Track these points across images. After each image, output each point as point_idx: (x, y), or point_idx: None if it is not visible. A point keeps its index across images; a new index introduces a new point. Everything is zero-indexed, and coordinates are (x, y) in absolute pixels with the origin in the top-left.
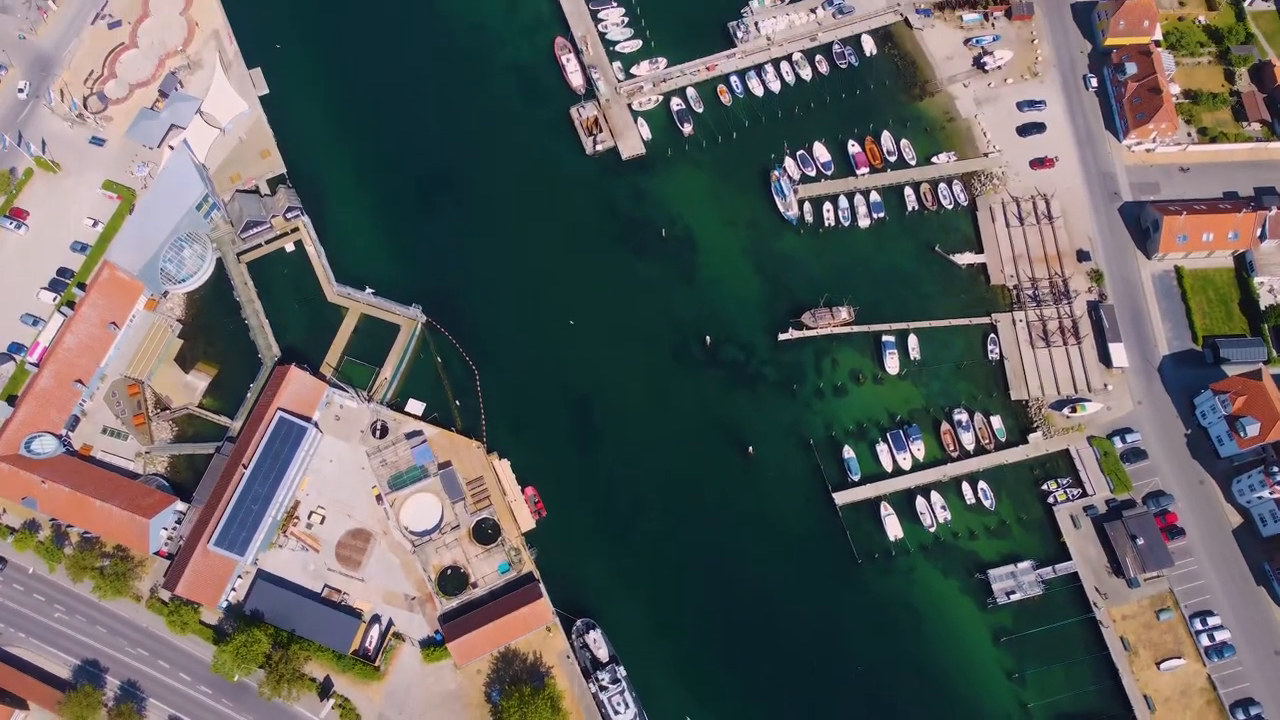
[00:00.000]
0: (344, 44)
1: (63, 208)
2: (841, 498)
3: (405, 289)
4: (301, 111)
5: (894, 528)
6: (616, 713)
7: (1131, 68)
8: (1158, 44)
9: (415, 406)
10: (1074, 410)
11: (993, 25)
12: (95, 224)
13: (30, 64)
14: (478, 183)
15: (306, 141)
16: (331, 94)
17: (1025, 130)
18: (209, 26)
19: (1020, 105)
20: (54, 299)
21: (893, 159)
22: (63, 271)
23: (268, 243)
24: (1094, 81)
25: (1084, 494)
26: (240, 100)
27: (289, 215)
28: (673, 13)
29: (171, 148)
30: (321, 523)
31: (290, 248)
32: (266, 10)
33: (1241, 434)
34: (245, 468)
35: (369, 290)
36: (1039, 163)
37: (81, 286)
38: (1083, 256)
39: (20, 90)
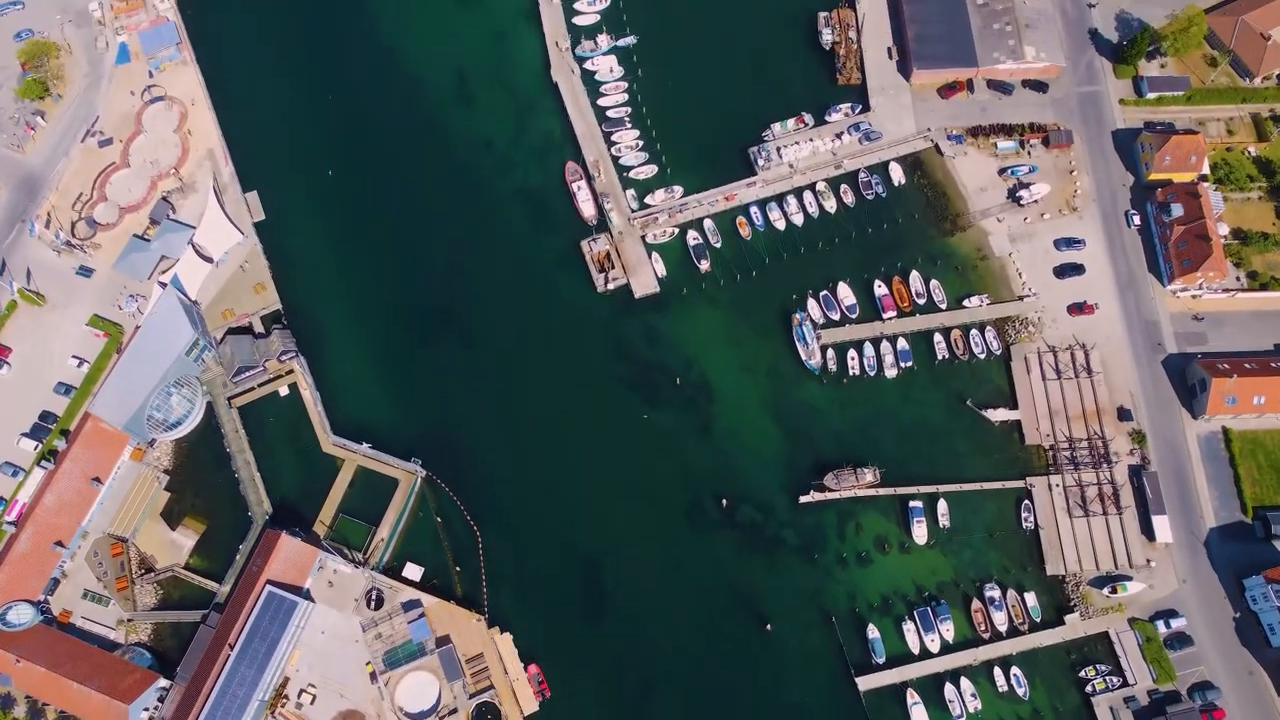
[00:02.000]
0: (345, 166)
1: (47, 345)
2: (865, 682)
3: (405, 436)
4: (299, 239)
5: (921, 717)
6: None
7: (1178, 209)
8: (1204, 179)
9: (413, 571)
10: (1114, 590)
11: (1029, 154)
12: (81, 364)
13: (17, 185)
14: (483, 320)
15: (304, 272)
16: (330, 220)
17: (1063, 272)
18: (204, 145)
19: (1058, 244)
20: (35, 447)
21: (921, 301)
22: (45, 416)
23: (261, 386)
24: (1137, 219)
25: (1125, 683)
26: (234, 231)
27: (284, 357)
28: (690, 136)
29: (162, 284)
30: (312, 702)
31: (284, 391)
32: (264, 130)
33: None
34: (231, 648)
35: (366, 445)
36: (1078, 309)
37: (65, 434)
38: (1124, 415)
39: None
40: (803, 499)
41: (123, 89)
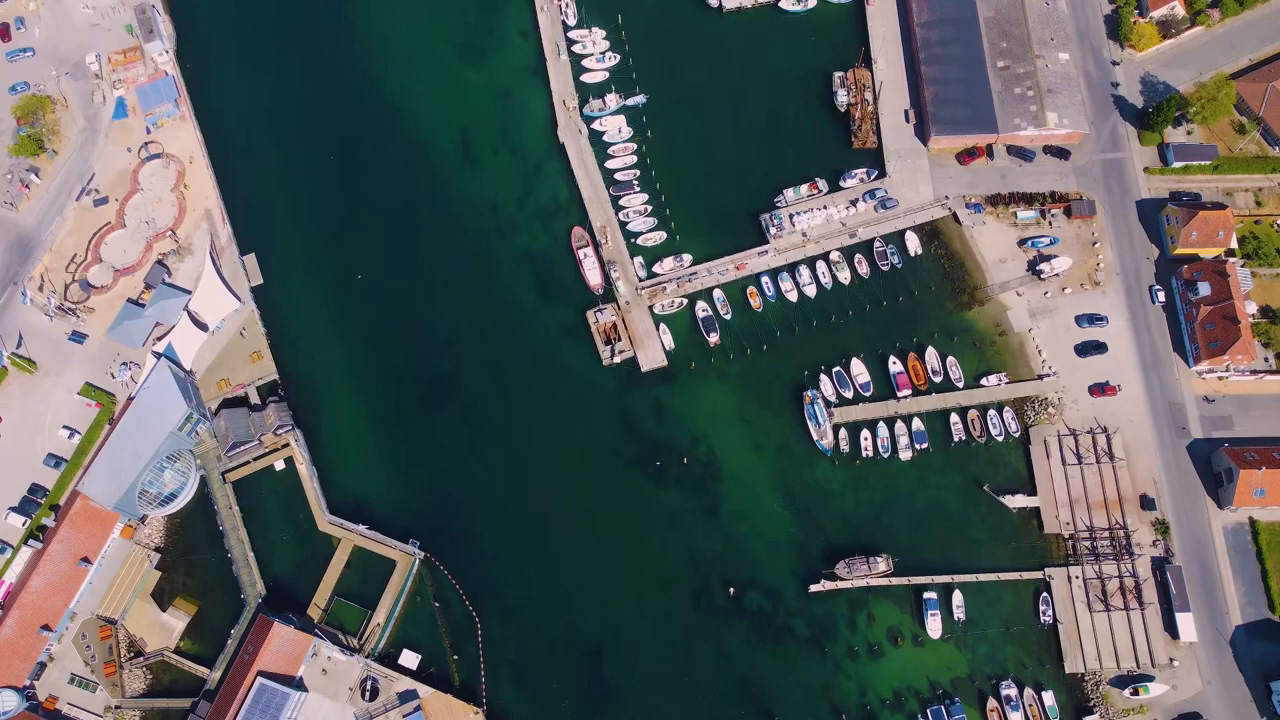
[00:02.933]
0: (346, 227)
1: (38, 414)
2: None
3: (403, 513)
4: (297, 304)
5: None
6: None
7: (1205, 288)
8: (1232, 253)
9: (409, 658)
10: (1136, 691)
11: (1050, 224)
12: (71, 435)
13: (10, 244)
14: (485, 392)
15: (302, 339)
16: (330, 284)
17: (1085, 350)
18: (201, 206)
19: (1079, 320)
20: (24, 523)
21: (938, 379)
22: (34, 489)
23: (256, 460)
24: (1161, 295)
25: None
26: (231, 298)
27: (280, 431)
28: (700, 200)
29: (156, 354)
30: None
31: (280, 465)
32: (263, 189)
33: None
34: None
35: (363, 526)
36: (1100, 390)
37: (54, 508)
38: (1147, 504)
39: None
40: (813, 588)
41: (120, 145)
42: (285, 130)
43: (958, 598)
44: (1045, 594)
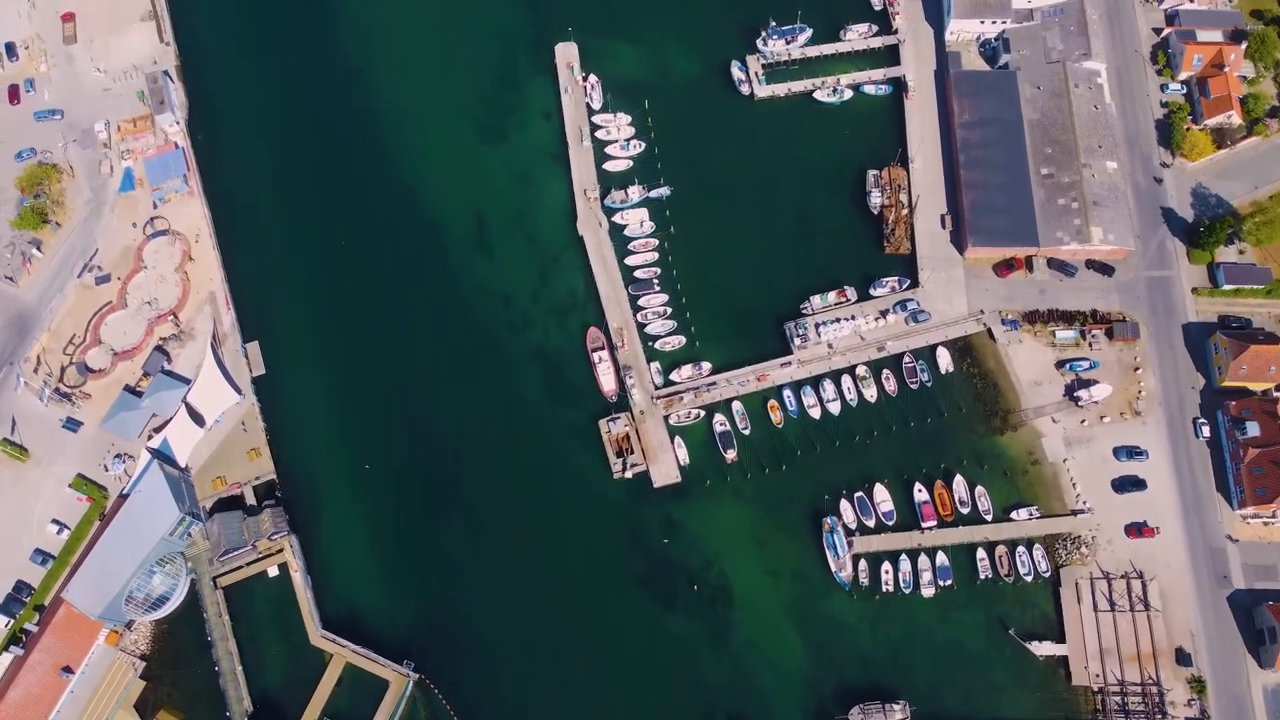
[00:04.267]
0: (353, 315)
1: (27, 506)
2: None
3: (399, 626)
4: (299, 397)
5: None
6: None
7: (1253, 428)
8: None
9: None
10: None
11: (1090, 345)
12: (60, 530)
13: (9, 322)
14: (488, 500)
15: (302, 436)
16: (334, 377)
17: (1122, 485)
18: (205, 287)
19: (1118, 453)
20: (7, 624)
21: (965, 510)
22: (19, 587)
23: (249, 564)
24: (1206, 429)
25: None
26: (231, 391)
27: (274, 537)
28: (722, 303)
29: (151, 451)
30: None
31: (274, 571)
32: (270, 272)
33: None
34: None
35: (356, 646)
36: (1136, 530)
37: (39, 609)
38: (1183, 659)
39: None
40: None
41: (125, 220)
42: (296, 209)
43: None
44: None
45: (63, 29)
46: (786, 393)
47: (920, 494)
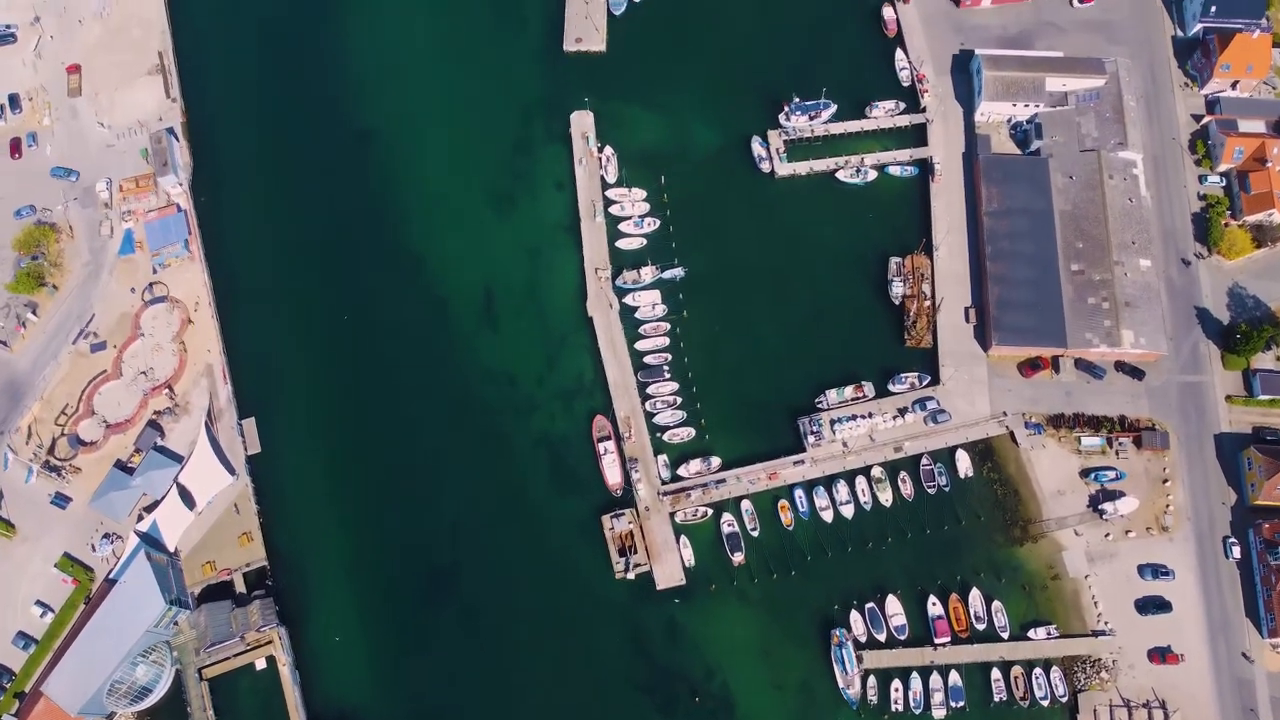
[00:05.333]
0: (353, 393)
1: (10, 586)
2: None
3: None
4: (295, 478)
5: None
6: None
7: None
8: None
9: None
10: None
11: (1117, 454)
12: (45, 613)
13: (1, 388)
14: (485, 593)
15: (296, 520)
16: (331, 457)
17: (1146, 606)
18: (203, 359)
19: (1143, 571)
20: None
21: (980, 626)
22: (0, 672)
23: (236, 656)
24: (1236, 550)
25: None
26: (224, 473)
27: (263, 629)
28: (734, 394)
29: (139, 535)
30: None
31: (261, 664)
32: (270, 344)
33: None
34: None
35: None
36: (1160, 656)
37: (20, 696)
38: None
39: None
40: None
41: (124, 284)
42: (298, 278)
43: None
44: None
45: (68, 81)
46: (798, 493)
47: (934, 607)
